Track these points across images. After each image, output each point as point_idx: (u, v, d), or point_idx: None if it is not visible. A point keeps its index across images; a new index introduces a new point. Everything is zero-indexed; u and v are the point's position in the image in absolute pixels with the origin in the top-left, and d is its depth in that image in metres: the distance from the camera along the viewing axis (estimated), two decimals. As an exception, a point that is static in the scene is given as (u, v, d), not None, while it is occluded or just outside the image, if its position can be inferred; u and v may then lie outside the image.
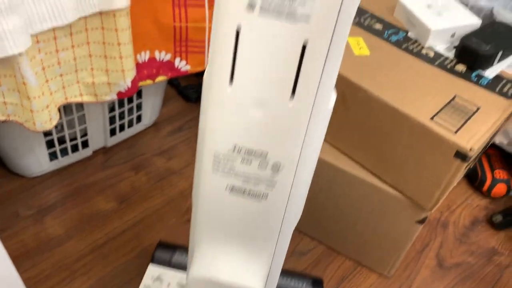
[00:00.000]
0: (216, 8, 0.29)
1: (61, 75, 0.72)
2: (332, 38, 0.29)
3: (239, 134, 0.33)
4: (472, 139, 0.65)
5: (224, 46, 0.30)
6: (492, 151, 1.14)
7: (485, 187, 1.10)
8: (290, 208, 0.39)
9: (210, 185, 0.38)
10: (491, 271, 0.96)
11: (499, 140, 1.08)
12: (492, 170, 1.10)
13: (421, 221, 0.78)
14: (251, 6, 0.27)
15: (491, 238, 1.03)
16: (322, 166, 0.81)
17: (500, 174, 1.10)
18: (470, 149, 0.63)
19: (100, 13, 0.70)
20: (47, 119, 0.69)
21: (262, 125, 0.32)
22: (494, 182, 1.09)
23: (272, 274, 0.49)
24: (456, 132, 0.65)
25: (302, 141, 0.33)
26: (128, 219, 0.94)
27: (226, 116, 0.33)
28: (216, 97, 0.32)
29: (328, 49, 0.29)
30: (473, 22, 0.83)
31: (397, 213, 0.78)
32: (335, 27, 0.28)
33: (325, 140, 0.83)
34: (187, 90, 1.26)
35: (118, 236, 0.91)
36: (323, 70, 0.30)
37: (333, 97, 0.35)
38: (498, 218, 1.04)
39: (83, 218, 0.93)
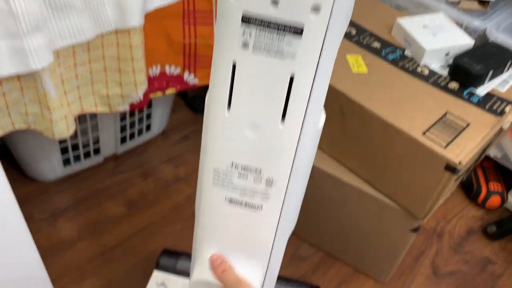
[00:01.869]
0: (216, 44, 0.34)
1: (78, 87, 0.78)
2: (316, 71, 0.34)
3: (236, 153, 0.38)
4: (461, 153, 0.69)
5: (222, 78, 0.35)
6: (488, 164, 1.18)
7: (480, 199, 1.13)
8: (283, 218, 0.44)
9: (210, 197, 0.43)
10: (484, 280, 1.00)
11: (493, 153, 1.12)
12: (487, 182, 1.14)
13: (415, 230, 0.82)
14: (245, 45, 0.32)
15: (485, 248, 1.06)
16: (322, 177, 0.85)
17: (495, 186, 1.14)
18: (459, 163, 0.68)
19: (116, 31, 0.75)
20: (65, 128, 0.75)
21: (256, 144, 0.37)
22: (489, 194, 1.12)
23: (269, 279, 0.53)
24: (446, 146, 0.70)
25: (293, 159, 0.38)
26: (136, 224, 0.99)
27: (225, 137, 0.38)
28: (216, 121, 0.37)
29: (314, 80, 0.34)
30: (467, 42, 0.88)
31: (392, 222, 0.83)
32: (318, 61, 0.33)
33: (325, 151, 0.88)
34: (194, 100, 1.31)
35: (126, 240, 0.96)
36: (309, 97, 0.35)
37: (322, 118, 0.39)
38: (493, 228, 1.08)
39: (94, 222, 0.98)
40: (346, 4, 0.34)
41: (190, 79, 0.93)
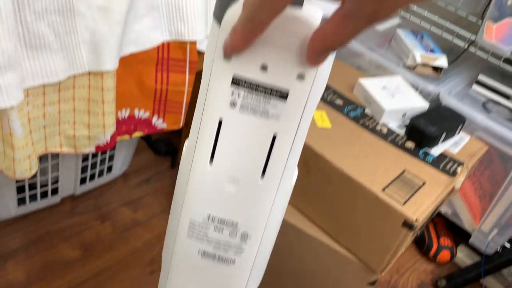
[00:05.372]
0: (204, 101, 0.36)
1: (44, 127, 0.77)
2: (297, 131, 0.36)
3: (214, 206, 0.39)
4: (418, 211, 0.73)
5: (207, 133, 0.36)
6: (438, 219, 1.24)
7: (431, 253, 1.18)
8: (254, 272, 0.45)
9: (184, 249, 0.43)
10: (435, 334, 1.02)
11: (444, 210, 1.17)
12: (438, 237, 1.19)
13: (372, 283, 0.84)
14: (233, 104, 0.34)
15: (436, 302, 1.10)
16: (284, 227, 0.86)
17: (445, 241, 1.19)
18: (416, 220, 0.71)
19: (89, 73, 0.76)
20: (27, 168, 0.73)
21: (235, 199, 0.38)
22: (440, 248, 1.17)
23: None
24: (404, 203, 0.73)
25: (268, 214, 0.40)
26: (91, 268, 0.95)
27: (204, 190, 0.38)
28: (197, 174, 0.38)
29: (294, 139, 0.36)
30: (422, 104, 0.94)
31: (351, 275, 0.84)
32: (299, 122, 0.35)
33: (289, 202, 0.90)
34: (157, 143, 1.31)
35: (80, 285, 0.92)
36: (288, 155, 0.37)
37: (295, 173, 0.42)
38: (442, 282, 1.12)
39: (46, 265, 0.93)
40: (326, 72, 0.37)
41: (159, 123, 0.93)
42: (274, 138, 0.36)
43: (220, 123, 0.36)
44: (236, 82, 0.34)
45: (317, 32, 0.28)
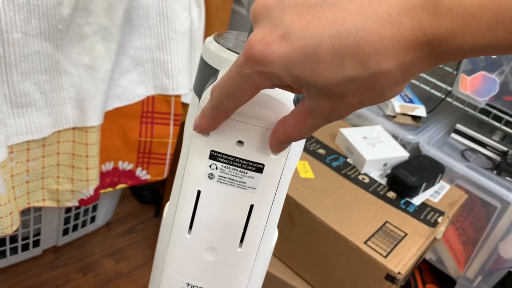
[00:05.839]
0: (181, 172, 0.37)
1: (27, 182, 0.77)
2: (273, 201, 0.37)
3: (192, 274, 0.40)
4: (400, 263, 0.73)
5: (186, 202, 0.37)
6: (424, 266, 1.24)
7: (418, 301, 1.17)
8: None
9: None
10: None
11: (429, 256, 1.18)
12: (424, 284, 1.19)
13: (357, 336, 0.83)
14: (210, 176, 0.35)
15: None
16: (269, 280, 0.86)
17: (431, 288, 1.18)
18: (398, 273, 0.72)
19: (73, 128, 0.77)
20: (9, 224, 0.72)
21: (214, 267, 0.39)
22: (426, 296, 1.17)
23: None
24: (386, 256, 0.74)
25: (248, 278, 0.40)
26: (71, 324, 0.93)
27: (183, 258, 0.39)
28: (176, 242, 0.39)
29: (271, 208, 0.37)
30: (402, 154, 0.96)
31: (336, 327, 0.83)
32: (276, 193, 0.36)
33: (274, 254, 0.90)
34: (141, 191, 1.31)
35: None
36: (266, 223, 0.38)
37: (275, 236, 0.42)
38: (430, 332, 1.11)
39: (24, 322, 0.91)
40: (300, 145, 0.38)
41: (142, 174, 0.94)
42: (251, 207, 0.37)
43: (199, 193, 0.37)
44: (213, 156, 0.35)
45: (279, 124, 0.30)
